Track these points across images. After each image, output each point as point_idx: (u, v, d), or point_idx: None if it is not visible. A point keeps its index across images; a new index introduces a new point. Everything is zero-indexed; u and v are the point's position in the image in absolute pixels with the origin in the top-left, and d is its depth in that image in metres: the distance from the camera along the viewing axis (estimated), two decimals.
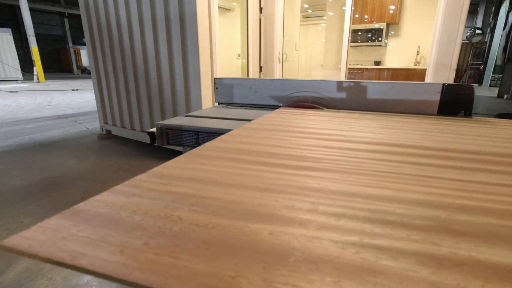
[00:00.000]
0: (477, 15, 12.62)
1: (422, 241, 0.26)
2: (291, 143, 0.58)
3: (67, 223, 0.28)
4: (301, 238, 0.27)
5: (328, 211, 0.32)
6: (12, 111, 4.88)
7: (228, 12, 3.33)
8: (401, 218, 0.30)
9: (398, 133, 0.67)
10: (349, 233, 0.28)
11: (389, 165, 0.46)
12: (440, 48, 2.19)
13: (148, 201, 0.34)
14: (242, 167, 0.45)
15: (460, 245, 0.25)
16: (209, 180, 0.40)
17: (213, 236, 0.27)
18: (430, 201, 0.34)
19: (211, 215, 0.31)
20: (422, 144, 0.58)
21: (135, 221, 0.29)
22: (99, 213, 0.30)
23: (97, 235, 0.27)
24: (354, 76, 5.49)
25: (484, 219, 0.30)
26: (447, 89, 0.93)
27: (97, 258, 0.23)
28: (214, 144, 0.56)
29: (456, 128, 0.75)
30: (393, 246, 0.25)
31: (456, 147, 0.57)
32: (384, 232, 0.28)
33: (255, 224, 0.29)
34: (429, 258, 0.24)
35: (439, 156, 0.50)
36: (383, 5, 5.09)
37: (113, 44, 2.74)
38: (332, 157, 0.50)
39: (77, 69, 18.74)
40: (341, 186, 0.39)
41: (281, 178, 0.41)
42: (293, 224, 0.29)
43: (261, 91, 1.12)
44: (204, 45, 2.17)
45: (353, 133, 0.67)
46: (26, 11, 10.42)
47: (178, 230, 0.28)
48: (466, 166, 0.46)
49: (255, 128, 0.70)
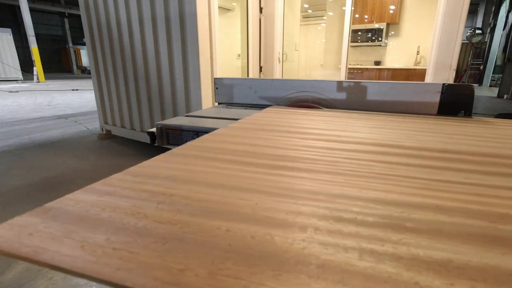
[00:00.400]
0: (477, 15, 12.61)
1: (368, 237, 0.27)
2: (273, 143, 0.58)
3: (36, 220, 0.29)
4: (256, 234, 0.28)
5: (288, 209, 0.33)
6: (12, 111, 4.88)
7: (228, 12, 3.33)
8: (355, 216, 0.31)
9: (386, 133, 0.67)
10: (302, 229, 0.28)
11: (361, 164, 0.47)
12: (440, 48, 2.19)
13: (119, 199, 0.34)
14: (219, 166, 0.46)
15: (403, 241, 0.27)
16: (183, 179, 0.41)
17: (172, 232, 0.28)
18: (392, 198, 0.35)
19: (176, 212, 0.32)
20: (410, 145, 0.58)
21: (101, 218, 0.30)
22: (69, 211, 0.31)
23: (62, 231, 0.28)
24: (354, 76, 5.49)
25: (436, 216, 0.31)
26: (447, 89, 0.93)
27: (58, 253, 0.24)
28: (195, 144, 0.57)
29: (455, 128, 0.75)
30: (339, 242, 0.26)
31: (449, 147, 0.57)
32: (334, 229, 0.28)
33: (214, 221, 0.30)
34: (370, 253, 0.25)
35: (413, 155, 0.51)
36: (383, 5, 5.09)
37: (113, 44, 2.74)
38: (311, 157, 0.50)
39: (77, 69, 18.74)
40: (309, 184, 0.39)
41: (254, 177, 0.41)
42: (252, 221, 0.30)
43: (261, 91, 1.12)
44: (204, 45, 2.17)
45: (344, 133, 0.67)
46: (26, 11, 10.42)
47: (141, 227, 0.29)
48: (439, 166, 0.46)
49: (241, 128, 0.70)
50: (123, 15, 2.55)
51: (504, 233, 0.27)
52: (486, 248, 0.25)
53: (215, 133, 0.64)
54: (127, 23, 2.54)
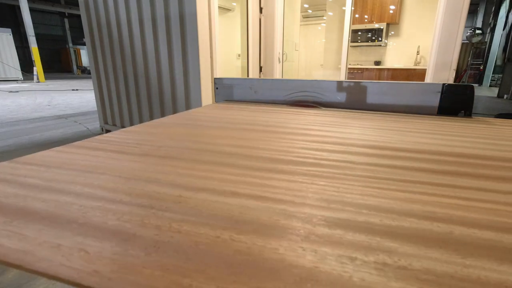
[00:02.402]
0: (477, 15, 12.62)
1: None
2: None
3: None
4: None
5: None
6: (12, 111, 4.88)
7: (228, 12, 3.33)
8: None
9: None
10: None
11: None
12: (440, 48, 2.19)
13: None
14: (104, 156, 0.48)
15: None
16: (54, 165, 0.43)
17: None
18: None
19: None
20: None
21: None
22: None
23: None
24: (354, 76, 5.49)
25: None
26: (447, 89, 0.93)
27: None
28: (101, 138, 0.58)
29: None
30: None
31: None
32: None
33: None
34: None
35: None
36: (383, 5, 5.09)
37: (113, 44, 2.74)
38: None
39: (77, 69, 18.75)
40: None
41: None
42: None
43: (261, 91, 1.12)
44: (204, 45, 2.17)
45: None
46: (26, 11, 10.43)
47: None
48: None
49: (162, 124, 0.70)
50: (123, 15, 2.55)
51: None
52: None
53: (131, 129, 0.66)
54: (127, 23, 2.55)
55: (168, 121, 0.75)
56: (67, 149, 0.53)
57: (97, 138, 0.60)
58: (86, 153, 0.50)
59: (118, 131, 0.66)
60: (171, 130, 0.66)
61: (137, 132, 0.65)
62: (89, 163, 0.44)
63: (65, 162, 0.45)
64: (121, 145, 0.55)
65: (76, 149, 0.53)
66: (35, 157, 0.47)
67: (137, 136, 0.62)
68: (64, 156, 0.48)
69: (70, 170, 0.42)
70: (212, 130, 0.66)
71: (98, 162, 0.45)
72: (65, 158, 0.47)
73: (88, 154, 0.49)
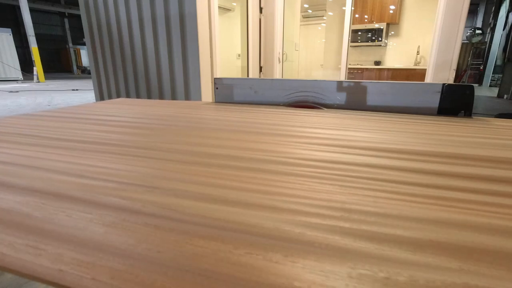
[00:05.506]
0: (477, 15, 12.62)
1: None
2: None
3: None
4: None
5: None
6: (12, 111, 4.88)
7: (228, 12, 3.33)
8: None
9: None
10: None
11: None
12: (440, 48, 2.19)
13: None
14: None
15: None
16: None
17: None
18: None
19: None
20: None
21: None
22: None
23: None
24: (354, 76, 5.49)
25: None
26: (447, 89, 0.93)
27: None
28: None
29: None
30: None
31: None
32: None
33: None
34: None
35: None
36: (383, 5, 5.10)
37: (113, 44, 2.74)
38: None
39: (77, 69, 18.76)
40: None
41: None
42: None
43: (261, 91, 1.13)
44: (204, 45, 2.17)
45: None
46: (26, 11, 10.43)
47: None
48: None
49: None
50: (123, 15, 2.55)
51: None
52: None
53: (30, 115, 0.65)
54: (127, 23, 2.55)
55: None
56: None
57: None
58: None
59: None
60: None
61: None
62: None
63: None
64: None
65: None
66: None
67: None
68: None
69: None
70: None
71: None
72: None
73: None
